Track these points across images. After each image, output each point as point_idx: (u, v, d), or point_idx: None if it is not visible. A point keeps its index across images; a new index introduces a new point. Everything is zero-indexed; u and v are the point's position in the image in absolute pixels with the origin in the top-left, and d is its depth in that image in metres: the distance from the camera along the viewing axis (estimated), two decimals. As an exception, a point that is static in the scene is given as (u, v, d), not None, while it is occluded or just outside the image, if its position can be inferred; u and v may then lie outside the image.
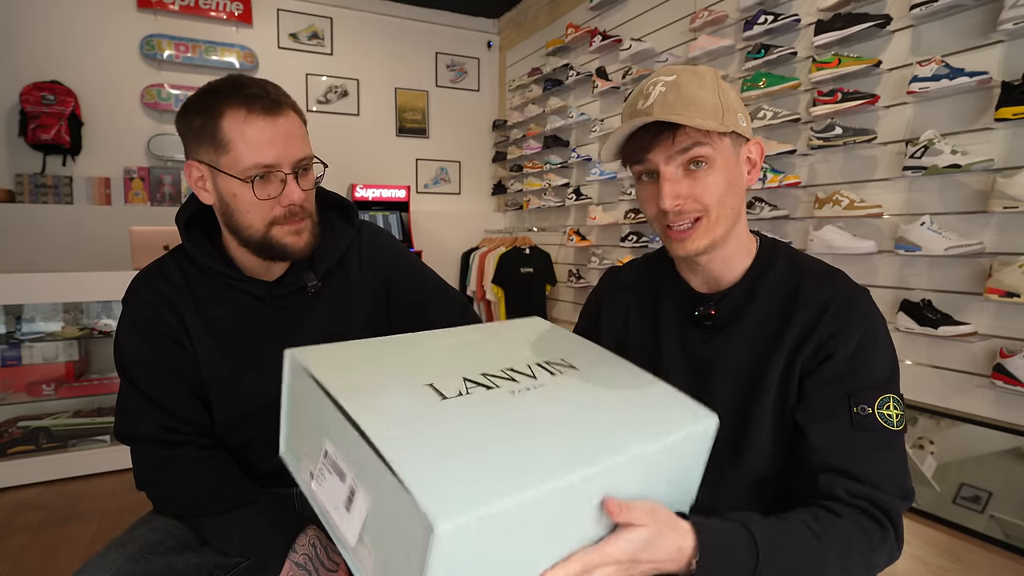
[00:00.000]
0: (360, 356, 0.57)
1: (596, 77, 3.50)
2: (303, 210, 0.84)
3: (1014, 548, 1.73)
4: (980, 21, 1.84)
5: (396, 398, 0.49)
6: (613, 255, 3.59)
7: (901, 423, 0.67)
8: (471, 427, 0.47)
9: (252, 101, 0.78)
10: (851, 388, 0.67)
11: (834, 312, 0.69)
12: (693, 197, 0.70)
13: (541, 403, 0.53)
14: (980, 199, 1.85)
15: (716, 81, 0.71)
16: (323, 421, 0.50)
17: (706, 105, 0.68)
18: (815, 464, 0.67)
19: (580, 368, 0.62)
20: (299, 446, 0.57)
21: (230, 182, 0.80)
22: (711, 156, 0.69)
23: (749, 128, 0.73)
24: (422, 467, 0.41)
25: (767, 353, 0.73)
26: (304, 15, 4.25)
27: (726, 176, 0.70)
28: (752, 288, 0.76)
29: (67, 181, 3.59)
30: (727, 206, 0.71)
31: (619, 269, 0.95)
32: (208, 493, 0.82)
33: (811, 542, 0.60)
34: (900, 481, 0.65)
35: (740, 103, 0.72)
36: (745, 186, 0.75)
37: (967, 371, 1.91)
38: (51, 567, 1.68)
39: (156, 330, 0.86)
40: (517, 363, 0.60)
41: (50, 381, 2.43)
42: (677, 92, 0.68)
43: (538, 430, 0.48)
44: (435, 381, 0.53)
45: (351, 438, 0.45)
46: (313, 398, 0.51)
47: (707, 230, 0.71)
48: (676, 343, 0.81)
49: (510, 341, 0.67)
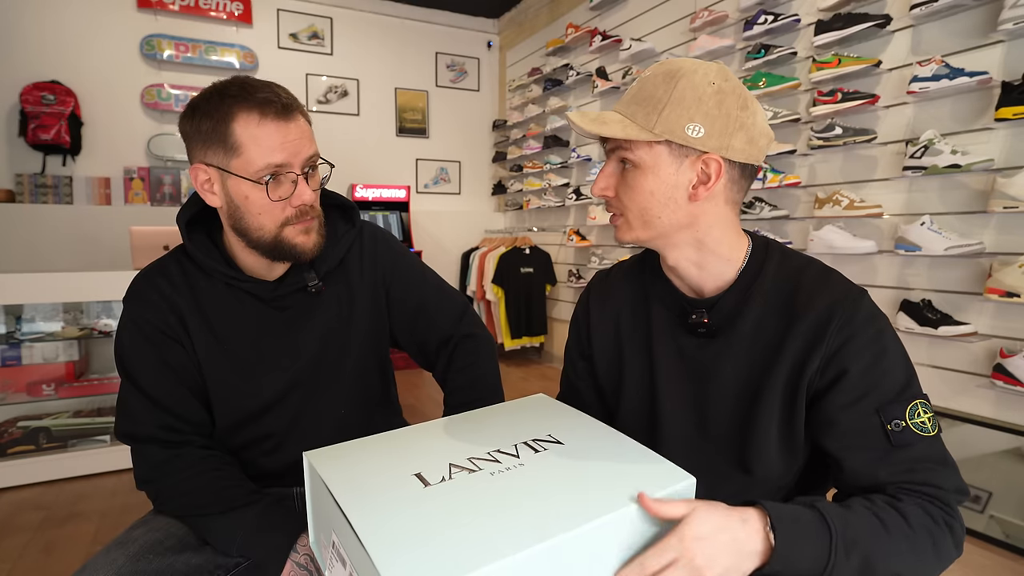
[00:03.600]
0: (363, 453, 0.63)
1: (596, 77, 3.50)
2: (312, 209, 0.85)
3: (1014, 548, 1.73)
4: (980, 21, 1.84)
5: (385, 491, 0.55)
6: (613, 255, 3.59)
7: (935, 426, 0.65)
8: (446, 511, 0.51)
9: (265, 105, 0.78)
10: (878, 404, 0.65)
11: (838, 323, 0.67)
12: (618, 195, 0.73)
13: (518, 481, 0.56)
14: (980, 199, 1.85)
15: (674, 84, 0.67)
16: (330, 515, 0.57)
17: (642, 109, 0.68)
18: (862, 486, 0.66)
19: (565, 442, 0.65)
20: (319, 537, 0.65)
21: (242, 184, 0.80)
22: (634, 160, 0.69)
23: (714, 142, 0.67)
24: (394, 550, 0.46)
25: (767, 361, 0.71)
26: (304, 15, 4.26)
27: (650, 184, 0.69)
28: (744, 292, 0.74)
29: (67, 181, 3.59)
30: (651, 213, 0.70)
31: (606, 274, 0.92)
32: (208, 494, 0.82)
33: (876, 525, 0.60)
34: (952, 481, 0.64)
35: (713, 112, 0.66)
36: (685, 200, 0.69)
37: (967, 371, 1.91)
38: (51, 567, 1.68)
39: (157, 330, 0.86)
40: (504, 444, 0.64)
41: (50, 381, 2.43)
42: (640, 88, 0.70)
43: (510, 508, 0.52)
44: (422, 470, 0.58)
45: (346, 529, 0.51)
46: (323, 495, 0.58)
47: (626, 229, 0.74)
48: (670, 350, 0.79)
49: (505, 422, 0.71)
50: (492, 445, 0.63)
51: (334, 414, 0.96)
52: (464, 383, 0.99)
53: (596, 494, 0.55)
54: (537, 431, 0.67)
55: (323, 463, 0.60)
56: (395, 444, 0.66)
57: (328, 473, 0.57)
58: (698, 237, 0.73)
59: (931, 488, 0.63)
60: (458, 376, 1.00)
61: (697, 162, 0.69)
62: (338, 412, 0.96)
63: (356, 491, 0.54)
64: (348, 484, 0.55)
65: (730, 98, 0.67)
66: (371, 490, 0.54)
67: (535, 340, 4.23)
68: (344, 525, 0.51)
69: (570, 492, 0.55)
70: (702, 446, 0.76)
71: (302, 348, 0.93)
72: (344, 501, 0.52)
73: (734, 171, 0.70)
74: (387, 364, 1.07)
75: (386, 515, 0.50)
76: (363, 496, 0.53)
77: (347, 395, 0.97)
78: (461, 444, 0.64)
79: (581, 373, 0.90)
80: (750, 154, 0.69)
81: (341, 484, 0.55)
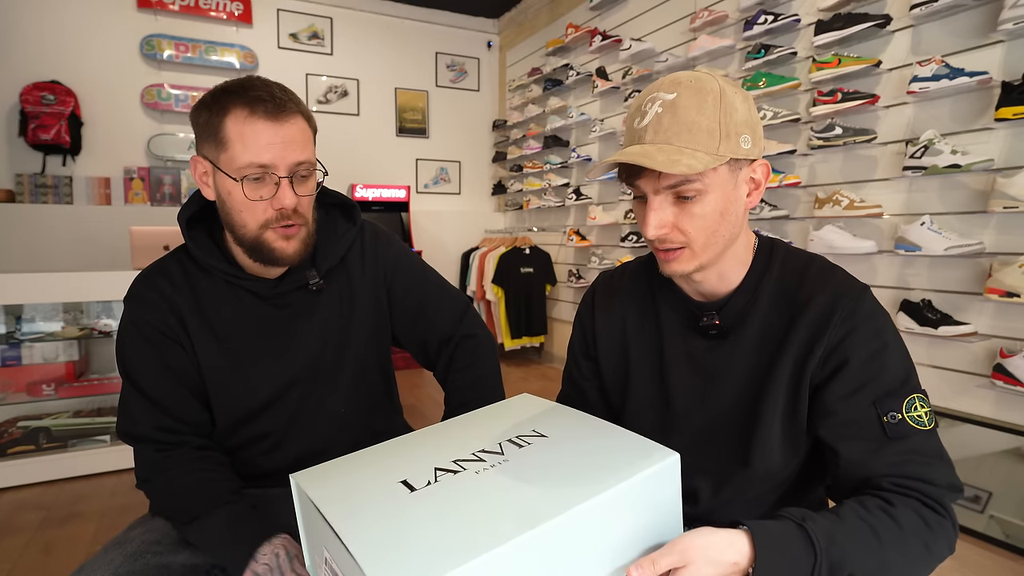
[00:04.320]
0: (349, 468, 0.63)
1: (596, 77, 3.50)
2: (297, 215, 0.83)
3: (1014, 548, 1.73)
4: (980, 21, 1.84)
5: (371, 501, 0.55)
6: (613, 255, 3.59)
7: (932, 420, 0.66)
8: (432, 512, 0.52)
9: (255, 103, 0.78)
10: (875, 396, 0.66)
11: (841, 316, 0.67)
12: (679, 228, 0.68)
13: (502, 476, 0.57)
14: (980, 199, 1.85)
15: (718, 100, 0.65)
16: (321, 532, 0.57)
17: (701, 134, 0.64)
18: (856, 477, 0.66)
19: (549, 435, 0.65)
20: (314, 557, 0.65)
21: (226, 180, 0.80)
22: (702, 189, 0.66)
23: (757, 148, 0.68)
24: (379, 554, 0.47)
25: (773, 356, 0.72)
26: (304, 15, 4.26)
27: (719, 206, 0.67)
28: (752, 293, 0.74)
29: (67, 181, 3.59)
30: (718, 235, 0.69)
31: (611, 275, 0.91)
32: (186, 498, 0.82)
33: (867, 535, 0.59)
34: (946, 477, 0.64)
35: (748, 118, 0.67)
36: (744, 209, 0.71)
37: (967, 371, 1.91)
38: (51, 567, 1.68)
39: (157, 331, 0.86)
40: (489, 443, 0.64)
41: (50, 381, 2.43)
42: (673, 116, 0.64)
43: (494, 503, 0.52)
44: (408, 476, 0.58)
45: (335, 543, 0.51)
46: (311, 513, 0.59)
47: (691, 258, 0.70)
48: (681, 352, 0.79)
49: (490, 423, 0.71)
50: (477, 446, 0.64)
51: (334, 413, 0.96)
52: (465, 383, 0.99)
53: (580, 480, 0.55)
54: (521, 428, 0.68)
55: (310, 483, 0.60)
56: (381, 456, 0.66)
57: (316, 492, 0.57)
58: (735, 248, 0.73)
59: (924, 484, 0.63)
60: (459, 376, 1.00)
61: (748, 171, 0.69)
62: (338, 411, 0.96)
63: (342, 504, 0.55)
64: (335, 499, 0.56)
65: (750, 102, 0.69)
66: (357, 502, 0.55)
67: (535, 340, 4.23)
68: (333, 539, 0.52)
69: (553, 480, 0.55)
70: (711, 445, 0.77)
71: (302, 346, 0.93)
72: (331, 515, 0.53)
73: None
74: (388, 363, 1.06)
75: (372, 522, 0.51)
76: (349, 508, 0.54)
77: (347, 394, 0.97)
78: (446, 448, 0.64)
79: (586, 373, 0.90)
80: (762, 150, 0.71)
81: (328, 500, 0.56)
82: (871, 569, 0.58)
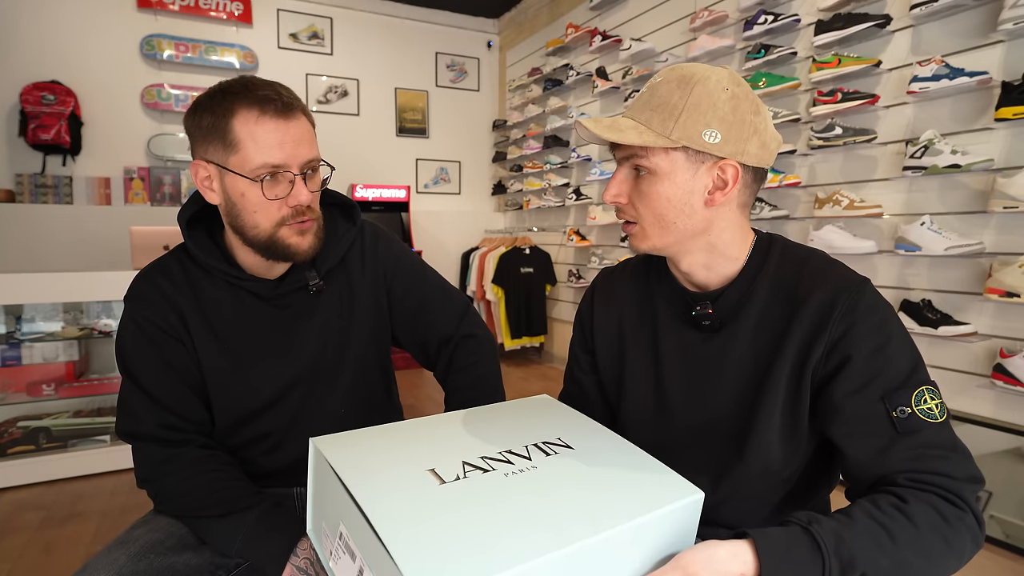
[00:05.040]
0: (374, 443, 0.63)
1: (596, 77, 3.50)
2: (310, 211, 0.85)
3: (1014, 548, 1.73)
4: (980, 21, 1.84)
5: (399, 485, 0.55)
6: (613, 255, 3.59)
7: (943, 412, 0.64)
8: (465, 511, 0.52)
9: (265, 103, 0.78)
10: (883, 391, 0.64)
11: (841, 311, 0.66)
12: (631, 201, 0.72)
13: (533, 484, 0.57)
14: (980, 199, 1.85)
15: (690, 88, 0.66)
16: (339, 505, 0.56)
17: (658, 115, 0.67)
18: (871, 476, 0.65)
19: (575, 447, 0.66)
20: (322, 526, 0.64)
21: (239, 181, 0.80)
22: (650, 167, 0.69)
23: (730, 147, 0.67)
24: (417, 551, 0.46)
25: (772, 350, 0.71)
26: (304, 15, 4.26)
27: (666, 190, 0.69)
28: (748, 285, 0.74)
29: (67, 181, 3.59)
30: (667, 220, 0.70)
31: (611, 271, 0.92)
32: (208, 495, 0.82)
33: (878, 533, 0.58)
34: (964, 469, 0.62)
35: (728, 117, 0.67)
36: (702, 205, 0.70)
37: (967, 371, 1.91)
38: (51, 567, 1.68)
39: (158, 328, 0.86)
40: (515, 444, 0.65)
41: (50, 381, 2.43)
42: (651, 95, 0.69)
43: (527, 512, 0.53)
44: (436, 466, 0.58)
45: (360, 522, 0.51)
46: (332, 484, 0.58)
47: (642, 236, 0.73)
48: (675, 345, 0.79)
49: (513, 422, 0.72)
50: (503, 445, 0.64)
51: (334, 413, 0.96)
52: (465, 383, 0.99)
53: (611, 504, 0.55)
54: (546, 433, 0.68)
55: (332, 450, 0.59)
56: (404, 436, 0.66)
57: (338, 461, 0.57)
58: (711, 241, 0.73)
59: (941, 478, 0.61)
60: (459, 376, 1.00)
61: (714, 168, 0.69)
62: (338, 411, 0.96)
63: (370, 484, 0.54)
64: (360, 475, 0.55)
65: (744, 103, 0.68)
66: (385, 484, 0.54)
67: (535, 340, 4.23)
68: (358, 519, 0.51)
69: (586, 500, 0.56)
70: (706, 439, 0.77)
71: (303, 347, 0.93)
72: (359, 495, 0.52)
73: (748, 175, 0.71)
74: (388, 363, 1.07)
75: (405, 513, 0.50)
76: (378, 490, 0.53)
77: (347, 394, 0.97)
78: (472, 441, 0.65)
79: (585, 367, 0.92)
80: (762, 158, 0.70)
81: (353, 474, 0.55)
82: (886, 568, 0.57)
